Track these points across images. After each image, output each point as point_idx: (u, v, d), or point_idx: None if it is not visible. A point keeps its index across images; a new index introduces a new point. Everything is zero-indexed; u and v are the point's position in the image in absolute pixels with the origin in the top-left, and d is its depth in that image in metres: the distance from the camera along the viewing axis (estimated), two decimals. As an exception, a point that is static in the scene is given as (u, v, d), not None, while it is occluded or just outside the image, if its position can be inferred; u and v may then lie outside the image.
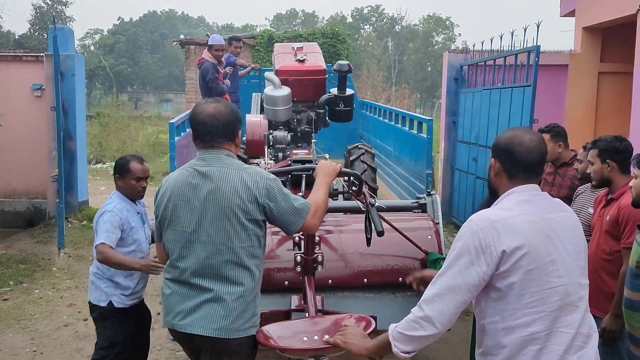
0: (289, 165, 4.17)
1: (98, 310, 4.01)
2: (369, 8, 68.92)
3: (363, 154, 5.33)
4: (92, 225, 9.97)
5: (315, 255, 3.31)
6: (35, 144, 10.06)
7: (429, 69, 59.34)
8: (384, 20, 67.56)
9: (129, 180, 4.02)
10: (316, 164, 3.09)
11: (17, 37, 55.01)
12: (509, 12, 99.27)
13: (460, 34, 67.16)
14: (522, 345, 2.11)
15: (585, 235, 4.06)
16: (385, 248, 3.65)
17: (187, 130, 5.32)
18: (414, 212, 4.26)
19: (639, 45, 8.15)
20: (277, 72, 5.76)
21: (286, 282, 3.58)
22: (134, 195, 4.06)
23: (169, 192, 2.77)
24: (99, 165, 18.57)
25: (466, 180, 8.98)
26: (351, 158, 5.29)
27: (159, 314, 6.21)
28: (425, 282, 2.82)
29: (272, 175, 2.75)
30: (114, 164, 4.14)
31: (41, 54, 10.17)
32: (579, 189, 4.40)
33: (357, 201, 3.63)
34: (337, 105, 4.89)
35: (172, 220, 2.75)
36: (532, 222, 2.15)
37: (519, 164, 2.26)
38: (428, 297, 2.15)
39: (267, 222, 2.77)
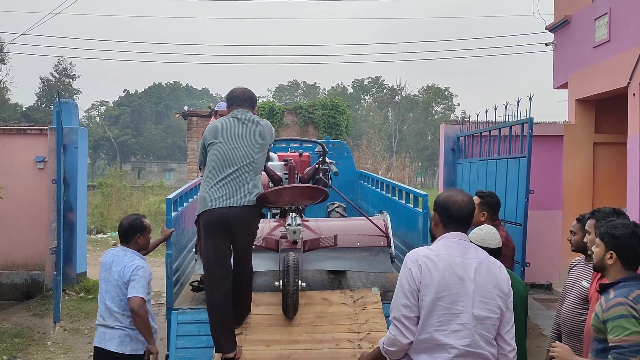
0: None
1: None
2: (369, 79, 70.44)
3: (337, 207, 6.91)
4: (89, 297, 9.81)
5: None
6: (35, 215, 10.12)
7: (430, 137, 59.89)
8: (384, 90, 68.87)
9: (147, 235, 4.48)
10: None
11: (24, 109, 56.17)
12: (509, 82, 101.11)
13: (459, 104, 68.07)
14: (433, 350, 2.81)
15: (580, 308, 4.06)
16: (351, 228, 5.55)
17: (185, 204, 5.42)
18: None
19: (631, 117, 8.31)
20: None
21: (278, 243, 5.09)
22: (147, 249, 4.45)
23: (220, 127, 4.48)
24: (99, 236, 18.55)
25: (466, 250, 8.95)
26: (328, 210, 6.99)
27: None
28: None
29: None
30: (131, 225, 4.46)
31: (45, 127, 10.37)
32: (573, 261, 4.39)
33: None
34: (317, 175, 6.25)
35: (221, 141, 4.41)
36: (447, 262, 2.85)
37: (451, 217, 2.98)
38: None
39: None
